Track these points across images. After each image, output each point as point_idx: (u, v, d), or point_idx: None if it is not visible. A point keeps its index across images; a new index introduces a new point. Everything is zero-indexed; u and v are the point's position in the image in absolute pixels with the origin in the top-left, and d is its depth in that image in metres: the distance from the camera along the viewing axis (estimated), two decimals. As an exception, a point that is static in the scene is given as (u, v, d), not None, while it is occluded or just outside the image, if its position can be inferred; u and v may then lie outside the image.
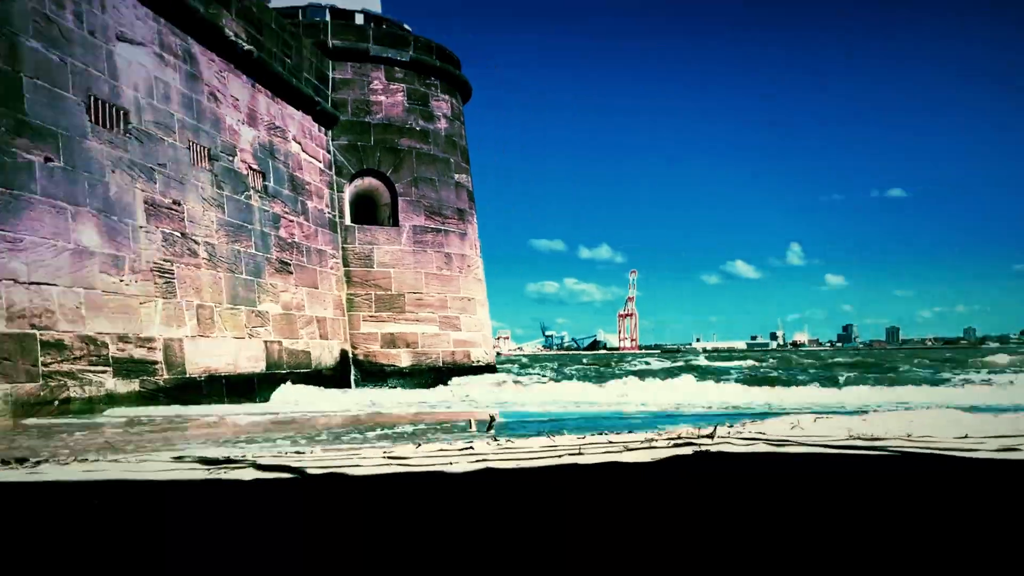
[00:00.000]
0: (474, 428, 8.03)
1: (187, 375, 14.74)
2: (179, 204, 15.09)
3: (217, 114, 16.85)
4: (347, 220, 22.90)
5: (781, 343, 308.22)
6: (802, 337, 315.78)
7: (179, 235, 15.01)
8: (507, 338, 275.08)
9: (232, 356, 16.33)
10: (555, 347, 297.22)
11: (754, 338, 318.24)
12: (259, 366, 17.34)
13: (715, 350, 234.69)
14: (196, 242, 15.51)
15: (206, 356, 15.44)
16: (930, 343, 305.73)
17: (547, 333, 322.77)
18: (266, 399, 17.15)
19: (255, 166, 18.23)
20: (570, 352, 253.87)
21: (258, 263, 17.80)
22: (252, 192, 17.94)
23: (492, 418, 7.87)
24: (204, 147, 16.16)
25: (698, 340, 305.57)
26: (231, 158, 17.19)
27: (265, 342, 17.70)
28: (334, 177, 22.70)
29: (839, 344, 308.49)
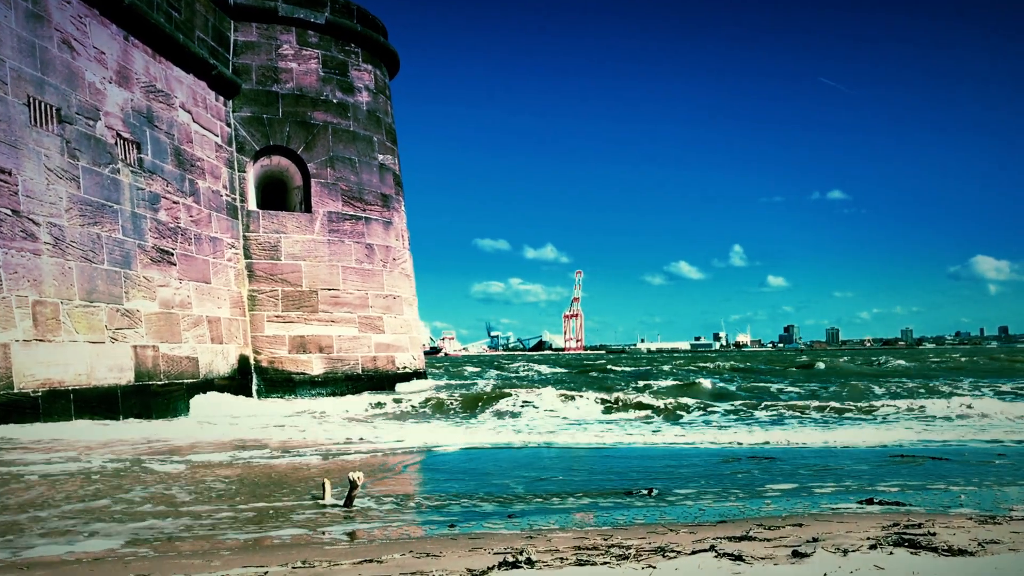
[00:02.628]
0: (329, 496, 5.27)
1: (15, 390, 11.59)
2: (9, 173, 11.92)
3: (72, 67, 13.68)
4: (250, 204, 19.80)
5: (724, 344, 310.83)
6: (744, 338, 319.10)
7: (8, 212, 11.84)
8: (452, 338, 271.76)
9: (86, 365, 13.19)
10: (500, 347, 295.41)
11: (698, 339, 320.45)
12: (125, 377, 14.20)
13: (659, 351, 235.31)
14: (35, 222, 12.35)
15: (46, 365, 12.29)
16: (869, 344, 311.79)
17: (492, 333, 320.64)
18: (134, 417, 14.11)
19: (127, 135, 15.08)
20: (516, 352, 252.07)
21: (127, 251, 14.66)
22: (121, 165, 14.79)
23: (353, 483, 5.08)
24: (51, 106, 13.00)
25: (642, 341, 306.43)
26: (91, 122, 14.03)
27: (135, 347, 14.57)
28: (235, 154, 19.59)
29: (781, 345, 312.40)
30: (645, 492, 5.58)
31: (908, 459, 7.61)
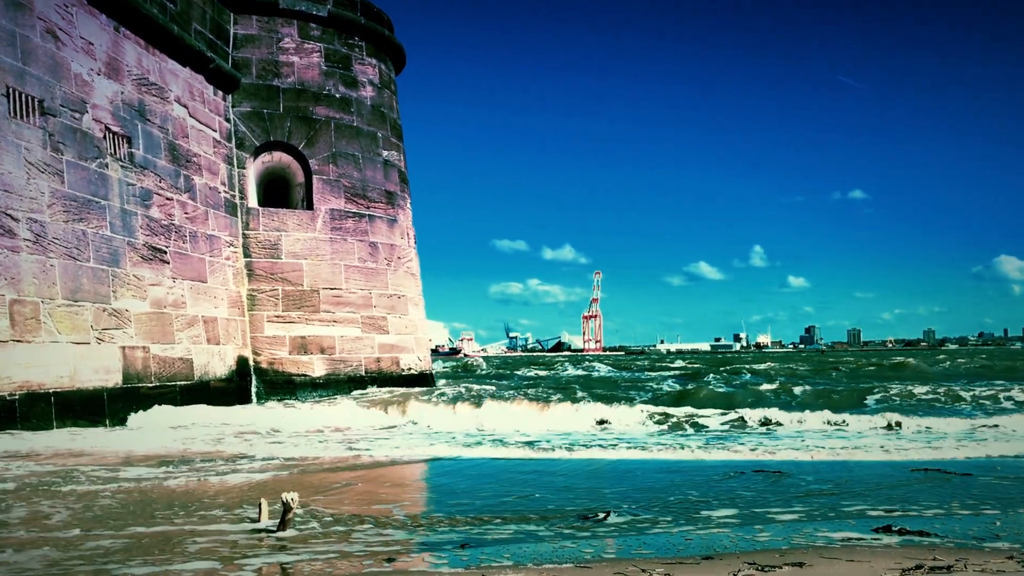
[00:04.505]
0: (265, 518, 4.67)
1: (-11, 393, 11.11)
2: (-15, 167, 11.44)
3: (56, 58, 13.20)
4: (250, 201, 19.28)
5: (745, 345, 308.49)
6: (765, 339, 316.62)
7: (-16, 208, 11.37)
8: (471, 339, 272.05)
9: (69, 367, 12.70)
10: (519, 348, 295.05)
11: (718, 340, 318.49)
12: (112, 379, 13.71)
13: (679, 352, 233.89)
14: (13, 218, 11.87)
15: (25, 367, 11.81)
16: (891, 344, 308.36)
17: (511, 334, 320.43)
18: (121, 422, 13.61)
19: (116, 128, 14.60)
20: (535, 353, 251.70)
21: (116, 248, 14.17)
22: (110, 160, 14.31)
23: (287, 505, 4.47)
24: (33, 97, 12.51)
25: (662, 342, 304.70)
26: (77, 115, 13.55)
27: (123, 348, 14.07)
28: (234, 150, 19.09)
29: (801, 346, 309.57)
30: (603, 515, 4.88)
31: (933, 474, 6.89)
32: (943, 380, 27.56)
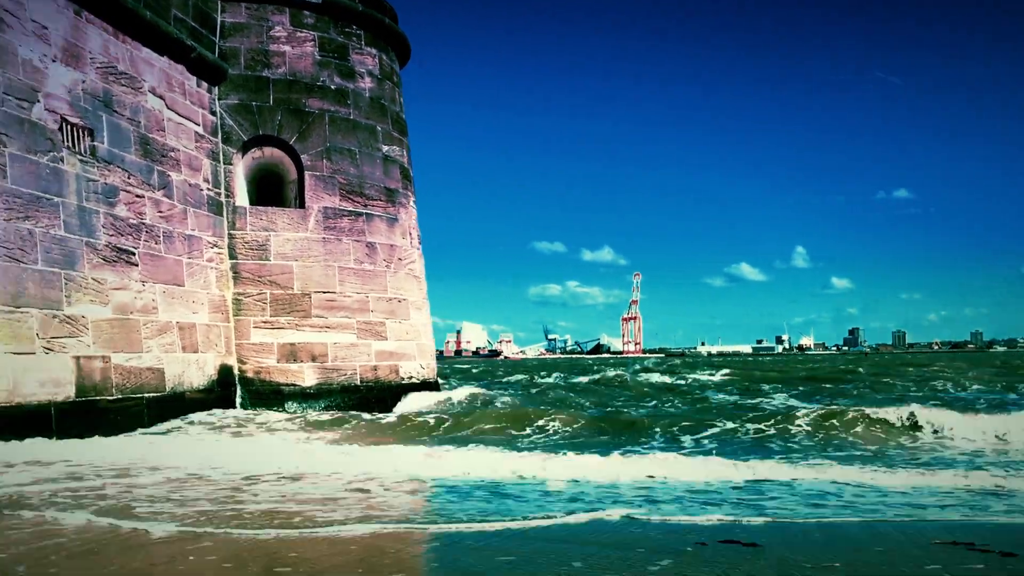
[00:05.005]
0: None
1: (-97, 410, 10.01)
2: (-96, 160, 10.37)
3: (0, 41, 12.12)
4: (238, 199, 18.13)
5: (787, 347, 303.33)
6: (808, 341, 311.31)
7: (-98, 205, 10.29)
8: (509, 341, 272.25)
9: (7, 380, 11.60)
10: (558, 351, 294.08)
11: (760, 342, 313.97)
12: (63, 392, 12.59)
13: (720, 354, 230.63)
14: (-60, 216, 10.78)
15: (-49, 381, 10.71)
16: (937, 347, 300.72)
17: (550, 336, 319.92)
18: (78, 437, 12.46)
19: (75, 120, 13.51)
20: (574, 356, 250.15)
21: (71, 250, 13.06)
22: (67, 153, 13.22)
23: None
24: (-30, 84, 11.43)
25: (703, 344, 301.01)
26: (25, 104, 12.46)
27: (77, 358, 12.94)
28: (220, 145, 17.95)
29: (845, 348, 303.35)
30: None
31: (962, 548, 5.31)
32: None
